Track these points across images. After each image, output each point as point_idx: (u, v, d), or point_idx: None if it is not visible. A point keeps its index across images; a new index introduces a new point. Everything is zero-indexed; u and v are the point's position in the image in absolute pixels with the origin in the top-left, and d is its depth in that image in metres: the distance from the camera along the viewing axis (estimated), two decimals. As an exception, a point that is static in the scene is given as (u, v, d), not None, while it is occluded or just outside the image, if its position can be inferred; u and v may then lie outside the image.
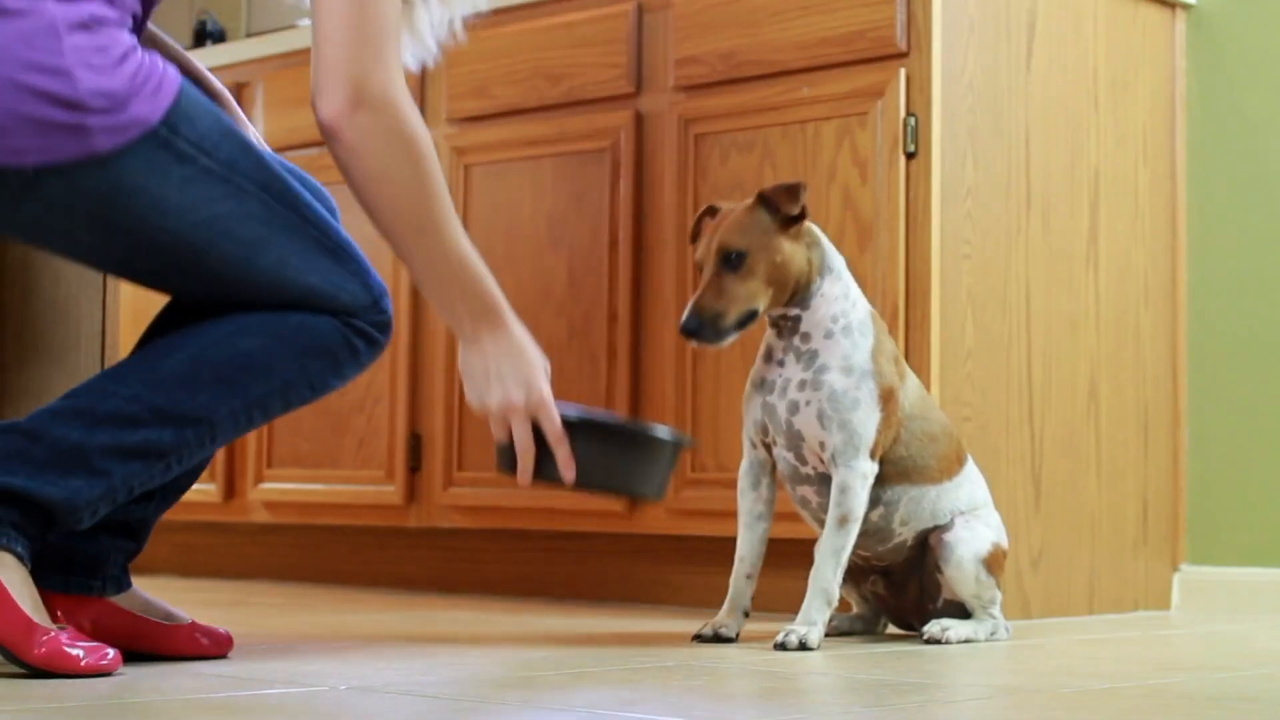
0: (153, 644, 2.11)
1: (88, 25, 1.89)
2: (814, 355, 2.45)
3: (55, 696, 1.76)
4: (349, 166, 1.99)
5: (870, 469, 2.44)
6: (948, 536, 2.52)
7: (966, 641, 2.51)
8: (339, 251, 2.05)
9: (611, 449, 2.20)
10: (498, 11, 3.42)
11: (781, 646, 2.37)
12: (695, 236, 2.50)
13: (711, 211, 2.49)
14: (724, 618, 2.48)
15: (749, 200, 2.43)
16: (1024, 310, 3.02)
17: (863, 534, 2.50)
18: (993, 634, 2.56)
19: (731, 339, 2.38)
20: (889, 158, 2.90)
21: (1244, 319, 3.31)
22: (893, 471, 2.49)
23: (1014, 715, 1.74)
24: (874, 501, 2.48)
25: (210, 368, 1.99)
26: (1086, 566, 3.12)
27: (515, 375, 2.12)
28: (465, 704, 1.76)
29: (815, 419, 2.43)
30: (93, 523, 1.99)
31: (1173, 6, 3.36)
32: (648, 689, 1.88)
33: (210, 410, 1.99)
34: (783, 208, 2.40)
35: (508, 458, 2.17)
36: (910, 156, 2.89)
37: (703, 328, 2.36)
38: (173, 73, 1.97)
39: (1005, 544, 2.58)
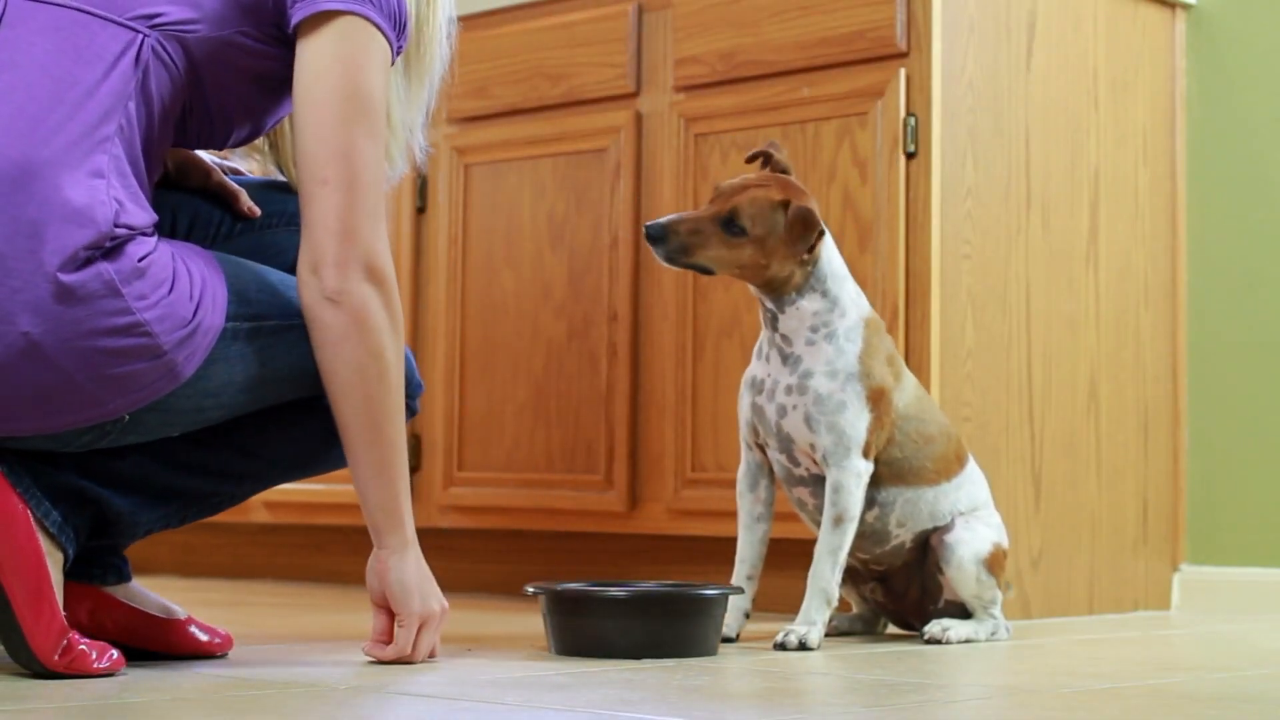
0: (150, 638, 2.11)
1: (140, 270, 1.88)
2: (799, 360, 2.45)
3: (55, 696, 1.76)
4: (344, 339, 1.99)
5: (864, 468, 2.44)
6: (949, 537, 2.52)
7: (967, 641, 2.51)
8: None
9: (663, 619, 2.26)
10: (498, 11, 3.42)
11: (781, 646, 2.37)
12: (751, 159, 2.51)
13: (770, 161, 2.49)
14: (725, 618, 2.48)
15: (781, 194, 2.40)
16: (1024, 310, 3.02)
17: (859, 536, 2.50)
18: (993, 634, 2.56)
19: (674, 268, 2.42)
20: (889, 158, 2.90)
21: (1244, 319, 3.31)
22: (887, 473, 2.49)
23: (1014, 715, 1.74)
24: (869, 503, 2.48)
25: (284, 431, 2.11)
26: (1086, 566, 3.12)
27: (435, 586, 2.11)
28: (465, 704, 1.76)
29: (803, 422, 2.44)
30: (138, 540, 2.08)
31: (1173, 6, 3.36)
32: (648, 689, 1.88)
33: (272, 468, 2.12)
34: (790, 238, 2.38)
35: None
36: (910, 156, 2.89)
37: (663, 243, 2.38)
38: (212, 269, 1.98)
39: (1006, 544, 2.58)
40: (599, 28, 3.27)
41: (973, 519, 2.54)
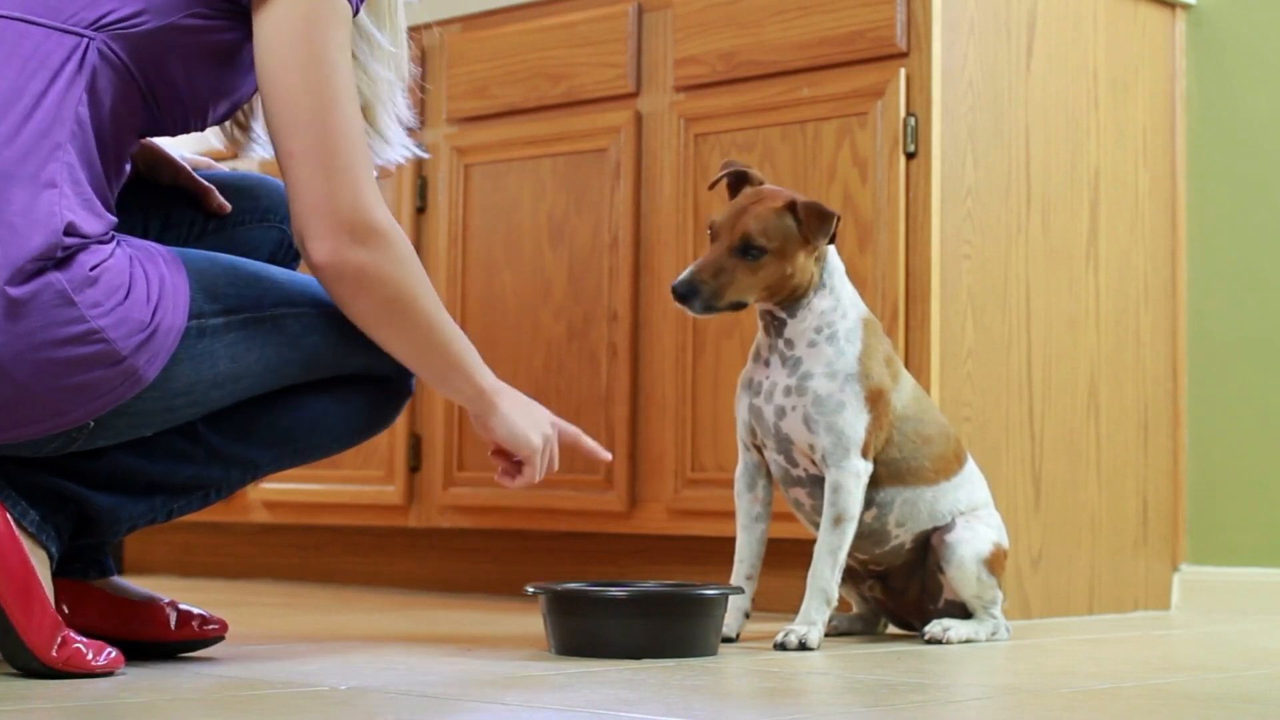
0: (136, 625, 2.10)
1: (92, 278, 1.85)
2: (799, 362, 2.45)
3: (55, 696, 1.76)
4: (353, 299, 2.00)
5: (864, 468, 2.44)
6: (949, 537, 2.52)
7: (967, 641, 2.51)
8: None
9: (662, 619, 2.26)
10: (498, 11, 3.42)
11: (781, 646, 2.37)
12: (720, 185, 2.49)
13: (743, 177, 2.47)
14: (724, 618, 2.48)
15: (782, 199, 2.39)
16: (1024, 310, 3.02)
17: (859, 536, 2.50)
18: (993, 634, 2.56)
19: (712, 315, 2.41)
20: (889, 158, 2.90)
21: (1244, 319, 3.31)
22: (885, 473, 2.49)
23: (1014, 715, 1.74)
24: (867, 503, 2.48)
25: (269, 420, 2.08)
26: (1086, 566, 3.12)
27: (539, 407, 2.22)
28: (465, 704, 1.76)
29: (801, 423, 2.43)
30: (123, 536, 2.07)
31: (1173, 6, 3.36)
32: (648, 689, 1.88)
33: (260, 456, 2.09)
34: (810, 234, 2.38)
35: None
36: (910, 156, 2.89)
37: (694, 297, 2.37)
38: (174, 268, 1.95)
39: (1006, 544, 2.58)
40: (599, 28, 3.27)
41: (973, 519, 2.54)
